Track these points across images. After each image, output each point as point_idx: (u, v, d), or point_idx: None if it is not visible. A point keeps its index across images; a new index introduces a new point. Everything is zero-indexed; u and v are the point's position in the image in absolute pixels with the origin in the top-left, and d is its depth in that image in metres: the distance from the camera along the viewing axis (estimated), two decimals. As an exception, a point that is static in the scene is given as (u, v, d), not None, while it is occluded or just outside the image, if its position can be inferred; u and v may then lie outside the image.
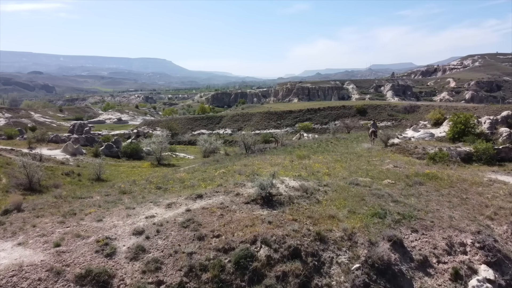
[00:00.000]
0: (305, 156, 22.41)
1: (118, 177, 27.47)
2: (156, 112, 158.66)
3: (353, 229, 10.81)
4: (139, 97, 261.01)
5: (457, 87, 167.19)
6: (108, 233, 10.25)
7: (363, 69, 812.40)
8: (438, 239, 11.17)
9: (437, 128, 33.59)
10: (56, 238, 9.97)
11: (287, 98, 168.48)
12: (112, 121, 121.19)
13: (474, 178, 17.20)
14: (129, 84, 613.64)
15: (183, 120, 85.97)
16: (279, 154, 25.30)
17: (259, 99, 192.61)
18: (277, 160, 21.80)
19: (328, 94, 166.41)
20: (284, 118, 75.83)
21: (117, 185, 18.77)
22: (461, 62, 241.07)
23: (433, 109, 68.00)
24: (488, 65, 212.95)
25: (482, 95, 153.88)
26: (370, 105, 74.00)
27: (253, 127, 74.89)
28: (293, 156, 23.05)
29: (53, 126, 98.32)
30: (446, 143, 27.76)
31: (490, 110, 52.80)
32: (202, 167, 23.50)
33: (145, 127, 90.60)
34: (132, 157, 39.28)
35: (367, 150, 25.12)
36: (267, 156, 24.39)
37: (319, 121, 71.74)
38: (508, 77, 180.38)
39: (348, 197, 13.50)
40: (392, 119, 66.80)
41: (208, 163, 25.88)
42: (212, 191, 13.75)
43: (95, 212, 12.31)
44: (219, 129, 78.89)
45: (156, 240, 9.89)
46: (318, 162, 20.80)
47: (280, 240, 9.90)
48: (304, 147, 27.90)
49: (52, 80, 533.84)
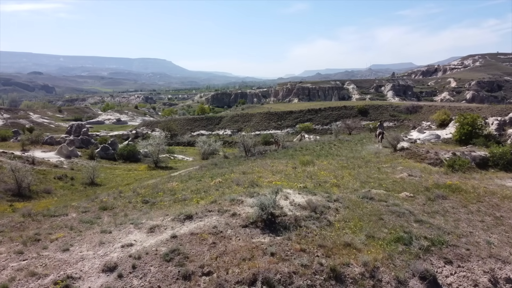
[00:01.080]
0: (309, 162, 20.91)
1: (113, 180, 25.84)
2: (156, 112, 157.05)
3: (375, 262, 8.83)
4: (138, 98, 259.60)
5: (458, 87, 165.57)
6: (72, 270, 8.29)
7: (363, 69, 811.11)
8: (478, 273, 9.20)
9: (443, 130, 31.89)
10: (4, 278, 7.95)
11: (287, 98, 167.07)
12: (111, 121, 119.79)
13: (504, 191, 15.20)
14: (129, 84, 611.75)
15: (182, 121, 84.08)
16: (280, 158, 23.99)
17: (259, 99, 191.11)
18: (278, 167, 20.40)
19: (328, 94, 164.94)
20: (284, 118, 73.89)
21: (100, 197, 16.76)
22: (461, 62, 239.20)
23: (436, 109, 66.04)
24: (489, 65, 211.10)
25: (483, 95, 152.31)
26: (372, 106, 72.04)
27: (253, 128, 73.00)
28: (295, 161, 21.69)
29: (51, 127, 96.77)
30: (454, 145, 25.94)
31: (494, 111, 50.84)
32: (198, 172, 21.70)
33: (143, 128, 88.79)
34: (129, 159, 37.70)
35: (374, 155, 23.61)
36: (267, 160, 23.06)
37: (320, 121, 69.79)
38: (509, 77, 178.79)
39: (364, 216, 11.55)
40: (394, 120, 64.86)
41: (206, 167, 24.18)
42: (204, 210, 11.77)
43: (64, 237, 10.35)
44: (219, 130, 76.98)
45: (130, 280, 7.93)
46: (323, 169, 19.35)
47: (286, 279, 7.93)
48: (306, 150, 26.53)
49: (52, 80, 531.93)
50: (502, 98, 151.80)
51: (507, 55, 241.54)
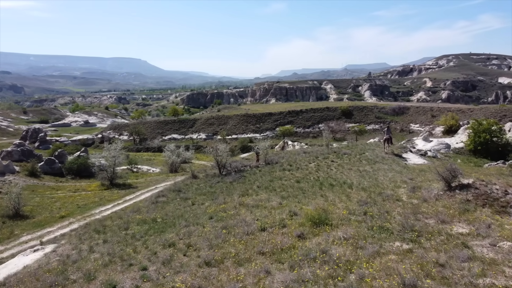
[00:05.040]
0: (322, 221, 11.98)
1: (48, 208, 20.67)
2: (128, 113, 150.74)
3: None
4: (111, 98, 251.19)
5: (434, 87, 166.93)
6: None
7: (339, 69, 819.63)
8: None
9: (451, 137, 28.13)
10: None
11: (265, 98, 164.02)
12: (78, 124, 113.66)
13: None
14: (102, 84, 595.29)
15: (152, 124, 78.70)
16: (265, 186, 17.87)
17: (236, 99, 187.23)
18: (266, 219, 13.30)
19: (306, 94, 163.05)
20: (263, 121, 69.72)
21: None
22: (436, 62, 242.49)
23: (425, 111, 63.52)
24: (463, 65, 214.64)
25: (458, 94, 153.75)
26: (356, 107, 68.76)
27: (230, 131, 68.58)
28: (291, 204, 14.64)
29: (10, 130, 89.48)
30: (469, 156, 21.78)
31: (488, 112, 48.21)
32: (150, 210, 16.56)
33: (110, 131, 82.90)
34: (80, 174, 31.97)
35: (411, 190, 14.80)
36: (247, 196, 16.67)
37: (301, 124, 66.02)
38: (482, 76, 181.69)
39: None
40: (380, 122, 61.84)
41: (164, 198, 18.92)
42: None
43: None
44: (192, 133, 72.15)
45: None
46: (353, 236, 10.79)
47: None
48: (297, 169, 20.64)
49: (21, 80, 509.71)
50: (477, 97, 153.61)
51: (480, 55, 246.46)
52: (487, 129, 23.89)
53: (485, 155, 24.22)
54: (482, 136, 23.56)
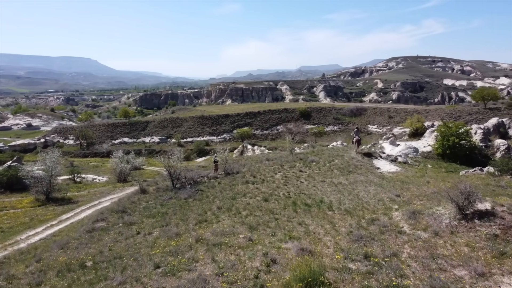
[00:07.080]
0: (316, 279, 7.86)
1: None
2: (76, 115, 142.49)
3: None
4: (58, 99, 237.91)
5: (385, 88, 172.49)
6: None
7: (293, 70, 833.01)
8: None
9: (418, 141, 27.14)
10: None
11: (221, 99, 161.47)
12: (20, 127, 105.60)
13: None
14: (49, 84, 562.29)
15: (101, 127, 73.50)
16: (225, 208, 14.83)
17: (191, 100, 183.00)
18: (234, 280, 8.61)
19: (262, 95, 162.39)
20: (220, 123, 67.06)
21: None
22: (386, 64, 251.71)
23: (382, 112, 63.67)
24: (411, 67, 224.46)
25: (407, 95, 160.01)
26: (314, 108, 68.00)
27: (185, 134, 65.27)
28: (265, 240, 11.32)
29: None
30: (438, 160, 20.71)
31: (443, 113, 48.85)
32: (82, 246, 13.19)
33: (55, 135, 76.63)
34: (11, 188, 27.66)
35: (411, 218, 11.53)
36: (207, 233, 12.44)
37: (259, 126, 64.12)
38: (428, 78, 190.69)
39: None
40: (338, 123, 61.34)
41: (105, 223, 15.79)
42: None
43: None
44: (145, 136, 68.03)
45: None
46: None
47: None
48: (262, 182, 17.91)
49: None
50: (424, 98, 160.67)
51: (426, 58, 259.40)
52: (455, 132, 23.04)
53: (454, 159, 23.45)
54: (451, 140, 22.65)
